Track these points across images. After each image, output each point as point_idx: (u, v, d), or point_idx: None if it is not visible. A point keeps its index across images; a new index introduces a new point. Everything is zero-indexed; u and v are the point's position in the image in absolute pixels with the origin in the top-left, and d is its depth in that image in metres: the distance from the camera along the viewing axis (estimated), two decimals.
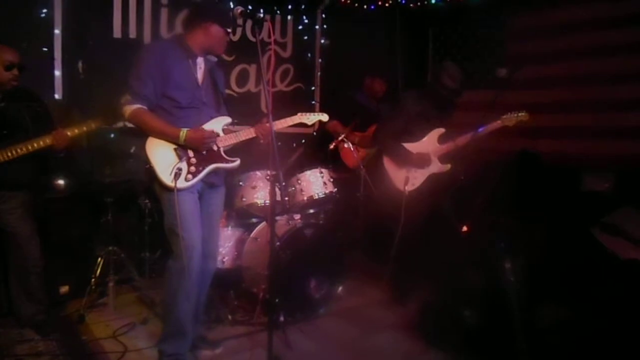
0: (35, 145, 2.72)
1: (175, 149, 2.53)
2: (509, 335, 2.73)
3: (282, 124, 2.80)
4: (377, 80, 4.48)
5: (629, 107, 3.91)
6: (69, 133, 2.78)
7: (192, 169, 2.53)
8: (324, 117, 3.03)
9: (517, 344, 2.69)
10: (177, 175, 2.47)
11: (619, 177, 3.90)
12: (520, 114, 3.46)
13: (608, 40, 4.01)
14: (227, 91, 3.80)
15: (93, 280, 3.26)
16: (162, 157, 2.50)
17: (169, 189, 2.48)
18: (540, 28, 4.44)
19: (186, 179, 2.50)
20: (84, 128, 2.84)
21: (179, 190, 2.47)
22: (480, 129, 3.42)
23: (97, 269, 3.28)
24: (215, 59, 2.75)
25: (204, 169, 2.56)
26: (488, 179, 3.88)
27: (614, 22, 3.97)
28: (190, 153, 2.55)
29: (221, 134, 2.65)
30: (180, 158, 2.52)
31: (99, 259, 3.30)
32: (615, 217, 3.36)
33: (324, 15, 5.12)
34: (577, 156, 4.19)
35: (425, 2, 5.18)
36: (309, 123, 2.93)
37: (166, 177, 2.47)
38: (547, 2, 4.33)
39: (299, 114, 2.88)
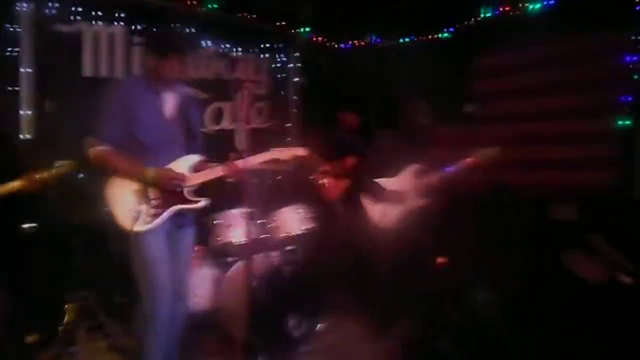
0: (4, 190, 2.60)
1: (135, 191, 2.46)
2: None
3: (255, 161, 2.70)
4: (349, 113, 4.55)
5: (591, 139, 4.07)
6: (38, 177, 2.69)
7: (152, 211, 2.46)
8: (300, 152, 2.89)
9: None
10: (136, 219, 2.41)
11: (584, 206, 4.03)
12: (491, 150, 3.54)
13: (569, 76, 4.19)
14: (202, 129, 3.79)
15: (62, 327, 3.13)
16: (122, 200, 2.45)
17: (127, 233, 2.41)
18: (505, 66, 4.63)
19: (145, 222, 2.43)
20: (53, 172, 2.74)
21: (139, 233, 2.41)
22: (454, 167, 3.49)
23: (66, 316, 3.15)
24: (189, 92, 2.69)
25: (164, 210, 2.49)
26: (462, 212, 3.94)
27: (576, 59, 4.16)
28: (151, 194, 2.48)
29: (187, 173, 2.57)
30: (140, 200, 2.46)
31: (69, 305, 3.17)
32: (591, 240, 3.47)
33: (298, 55, 5.23)
34: (545, 187, 4.31)
35: (398, 41, 5.36)
36: (284, 158, 2.80)
37: (124, 221, 2.41)
38: (507, 43, 4.52)
39: (272, 149, 2.76)
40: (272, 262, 3.30)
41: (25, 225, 3.28)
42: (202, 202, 2.60)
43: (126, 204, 2.44)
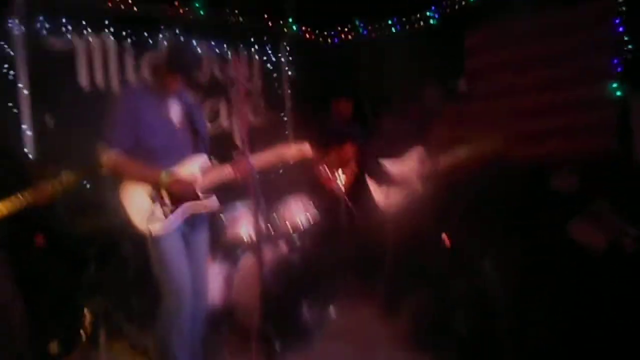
0: (17, 203, 2.67)
1: (149, 193, 2.53)
2: (498, 336, 2.80)
3: (263, 159, 2.73)
4: (342, 101, 4.57)
5: (587, 107, 4.10)
6: (49, 187, 2.76)
7: (167, 211, 2.53)
8: (305, 148, 2.89)
9: (505, 343, 2.76)
10: (152, 220, 2.49)
11: (585, 175, 4.05)
12: (491, 145, 3.57)
13: (559, 46, 4.21)
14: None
15: (82, 334, 3.20)
16: (136, 204, 2.52)
17: (145, 235, 2.49)
18: (495, 42, 4.64)
19: (162, 223, 2.51)
20: (63, 182, 2.83)
21: (156, 235, 2.49)
22: (455, 155, 3.52)
23: (85, 322, 3.22)
24: (192, 98, 2.78)
25: (177, 209, 2.57)
26: (464, 190, 3.98)
27: (564, 28, 4.17)
28: (165, 196, 2.55)
29: (198, 174, 2.65)
30: (154, 201, 2.53)
31: (86, 312, 3.25)
32: (595, 207, 3.50)
33: (288, 48, 5.26)
34: (544, 158, 4.33)
35: (386, 32, 5.37)
36: (289, 155, 2.83)
37: (140, 223, 2.49)
38: (495, 20, 4.54)
39: (278, 146, 2.81)
40: (280, 252, 3.37)
41: (37, 238, 3.34)
42: (214, 201, 2.67)
43: (141, 207, 2.51)
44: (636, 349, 2.52)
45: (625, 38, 3.82)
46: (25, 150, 3.62)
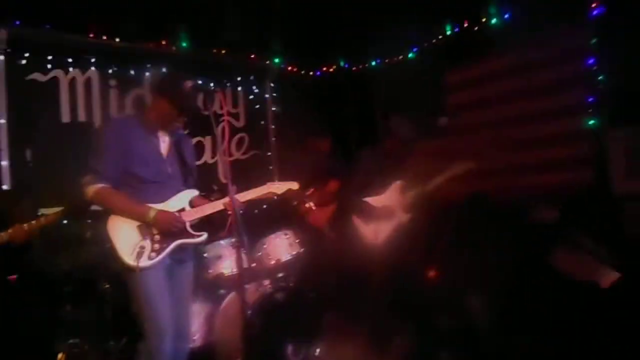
0: None
1: (138, 226, 2.47)
2: None
3: (252, 195, 2.73)
4: (318, 139, 4.56)
5: (564, 140, 4.19)
6: (26, 227, 2.66)
7: (156, 246, 2.46)
8: (294, 186, 2.92)
9: None
10: (139, 254, 2.40)
11: (566, 206, 4.11)
12: (467, 165, 3.65)
13: (536, 81, 4.33)
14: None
15: None
16: (124, 236, 2.44)
17: (132, 270, 2.40)
18: (473, 78, 4.77)
19: (149, 257, 2.43)
20: (42, 221, 2.73)
21: (142, 269, 2.40)
22: (433, 181, 3.57)
23: None
24: (183, 132, 2.76)
25: (168, 245, 2.50)
26: (445, 224, 4.00)
27: (541, 64, 4.31)
28: (154, 230, 2.49)
29: (187, 208, 2.61)
30: (143, 236, 2.46)
31: (60, 355, 3.10)
32: (575, 239, 3.54)
33: (272, 85, 5.32)
34: (525, 191, 4.39)
35: (366, 65, 5.50)
36: (279, 192, 2.83)
37: (128, 257, 2.40)
38: (473, 57, 4.69)
39: (268, 183, 2.82)
40: (264, 290, 3.30)
41: (13, 276, 3.22)
42: (204, 236, 2.61)
43: (129, 240, 2.43)
44: None
45: (599, 74, 3.95)
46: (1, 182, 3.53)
